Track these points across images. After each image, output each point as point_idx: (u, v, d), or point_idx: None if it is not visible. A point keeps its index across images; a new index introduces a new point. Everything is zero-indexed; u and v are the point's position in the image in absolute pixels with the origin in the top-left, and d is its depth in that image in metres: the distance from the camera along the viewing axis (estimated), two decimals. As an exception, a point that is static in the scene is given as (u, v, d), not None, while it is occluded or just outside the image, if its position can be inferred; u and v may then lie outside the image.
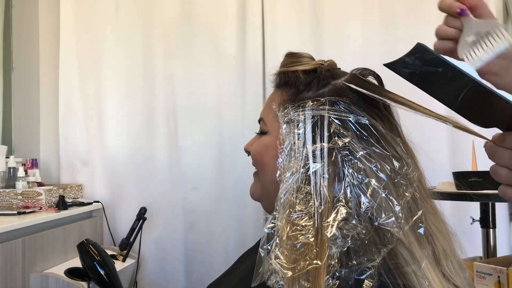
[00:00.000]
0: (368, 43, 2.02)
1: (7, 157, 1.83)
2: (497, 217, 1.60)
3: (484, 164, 1.49)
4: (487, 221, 1.57)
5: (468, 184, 1.38)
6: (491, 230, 1.57)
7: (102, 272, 1.21)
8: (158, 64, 2.12)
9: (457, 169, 1.54)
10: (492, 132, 0.46)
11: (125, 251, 1.77)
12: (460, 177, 1.42)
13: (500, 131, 0.45)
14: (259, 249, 0.53)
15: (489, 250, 1.57)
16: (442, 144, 1.96)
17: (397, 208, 0.52)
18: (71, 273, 1.47)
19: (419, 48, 0.45)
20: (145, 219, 1.83)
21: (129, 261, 1.82)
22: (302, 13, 2.08)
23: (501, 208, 1.91)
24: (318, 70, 0.64)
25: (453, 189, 1.44)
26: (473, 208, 1.64)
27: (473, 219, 1.60)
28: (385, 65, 0.48)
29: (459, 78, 0.43)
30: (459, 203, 1.76)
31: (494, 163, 0.45)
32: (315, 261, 0.48)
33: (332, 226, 0.50)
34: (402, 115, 0.62)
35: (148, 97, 2.12)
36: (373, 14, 2.04)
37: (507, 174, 0.44)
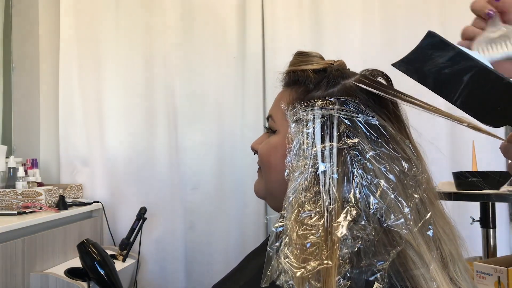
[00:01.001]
0: (368, 43, 2.02)
1: (7, 157, 1.82)
2: (497, 217, 1.60)
3: (484, 164, 1.50)
4: (487, 221, 1.57)
5: (468, 184, 1.38)
6: (491, 230, 1.57)
7: (102, 272, 1.21)
8: (158, 64, 2.11)
9: (457, 169, 1.54)
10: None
11: (125, 251, 1.77)
12: (460, 177, 1.42)
13: None
14: (268, 248, 0.52)
15: (489, 250, 1.57)
16: (442, 144, 1.96)
17: (406, 210, 0.51)
18: (71, 273, 1.48)
19: (429, 37, 0.45)
20: (145, 219, 1.82)
21: (129, 261, 1.82)
22: (302, 13, 2.08)
23: (501, 208, 1.91)
24: (328, 69, 0.64)
25: (453, 189, 1.44)
26: (473, 208, 1.65)
27: (473, 219, 1.60)
28: (393, 65, 0.48)
29: (471, 64, 0.43)
30: (459, 203, 1.76)
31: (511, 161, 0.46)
32: (325, 261, 0.48)
33: (342, 226, 0.49)
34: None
35: (148, 97, 2.11)
36: (373, 14, 2.04)
37: None
